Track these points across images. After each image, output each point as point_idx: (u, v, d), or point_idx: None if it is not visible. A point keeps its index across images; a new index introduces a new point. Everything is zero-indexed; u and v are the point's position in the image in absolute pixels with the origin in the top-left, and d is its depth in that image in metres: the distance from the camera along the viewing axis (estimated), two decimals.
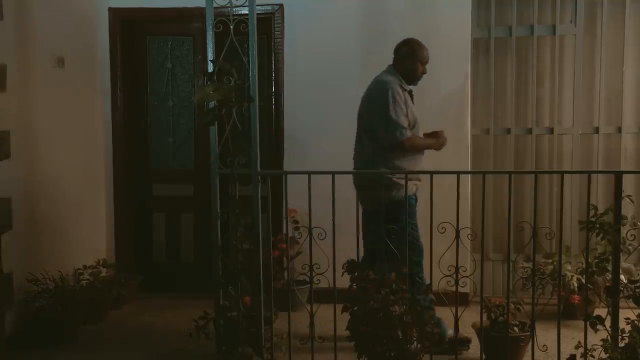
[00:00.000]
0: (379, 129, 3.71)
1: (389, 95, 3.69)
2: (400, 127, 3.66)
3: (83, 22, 4.85)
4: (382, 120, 3.69)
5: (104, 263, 4.74)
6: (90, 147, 4.92)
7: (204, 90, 3.25)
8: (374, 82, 3.88)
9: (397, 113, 3.66)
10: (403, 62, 3.85)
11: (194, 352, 3.76)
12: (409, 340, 3.13)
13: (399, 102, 3.69)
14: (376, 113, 3.74)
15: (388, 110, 3.66)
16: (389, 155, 3.71)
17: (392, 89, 3.71)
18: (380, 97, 3.72)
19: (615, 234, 3.22)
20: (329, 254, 3.25)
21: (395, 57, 3.91)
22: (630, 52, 4.76)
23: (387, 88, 3.72)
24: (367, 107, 3.86)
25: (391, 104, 3.66)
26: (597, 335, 3.16)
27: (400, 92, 3.73)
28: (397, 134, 3.66)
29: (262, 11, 4.58)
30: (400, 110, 3.68)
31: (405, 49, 3.86)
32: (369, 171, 3.75)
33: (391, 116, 3.65)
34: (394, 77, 3.80)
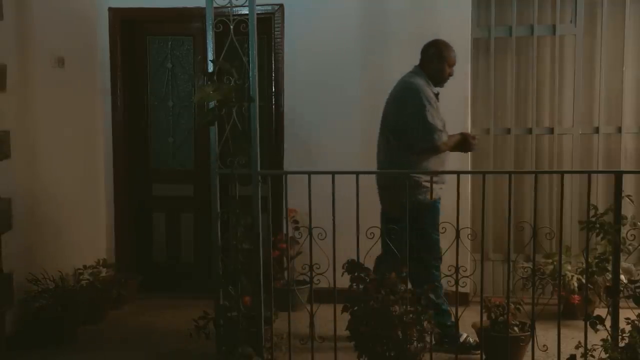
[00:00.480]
0: (413, 132, 3.68)
1: (422, 98, 3.67)
2: (437, 130, 3.65)
3: (83, 22, 4.85)
4: (417, 123, 3.66)
5: (104, 263, 4.74)
6: (90, 147, 4.92)
7: (204, 90, 3.25)
8: (402, 83, 3.85)
9: (433, 116, 3.66)
10: (430, 63, 3.83)
11: (194, 352, 3.76)
12: (409, 340, 3.14)
13: (433, 105, 3.68)
14: (408, 116, 3.70)
15: (424, 114, 3.64)
16: (418, 157, 3.69)
17: (423, 92, 3.70)
18: (413, 99, 3.69)
19: (615, 234, 3.22)
20: (329, 254, 3.25)
21: (422, 58, 3.88)
22: (630, 52, 4.76)
23: (419, 91, 3.70)
24: (395, 108, 3.82)
25: (427, 107, 3.65)
26: (597, 335, 3.16)
27: (431, 95, 3.73)
28: (435, 137, 3.65)
29: (262, 11, 4.58)
30: (435, 113, 3.67)
31: (433, 50, 3.84)
32: (368, 171, 3.75)
33: (428, 120, 3.64)
34: (423, 79, 3.78)
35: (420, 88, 3.72)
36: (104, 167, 5.05)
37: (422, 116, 3.65)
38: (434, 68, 3.82)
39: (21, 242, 3.97)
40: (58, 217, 4.40)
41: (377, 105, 4.72)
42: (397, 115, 3.81)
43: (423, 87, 3.73)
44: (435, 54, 3.83)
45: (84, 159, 4.83)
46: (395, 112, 3.83)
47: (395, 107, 3.83)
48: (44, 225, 4.23)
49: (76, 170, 4.70)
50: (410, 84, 3.78)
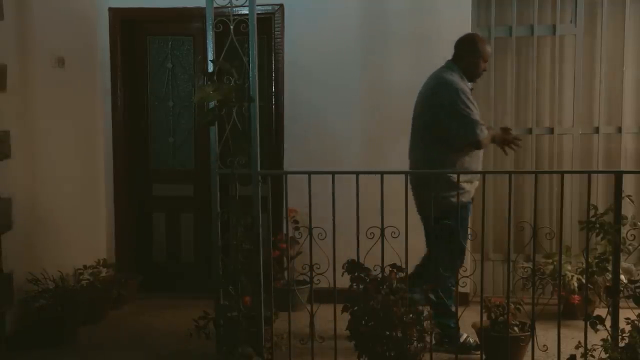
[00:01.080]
0: (452, 128, 3.63)
1: (459, 93, 3.61)
2: (479, 124, 3.60)
3: (83, 22, 4.85)
4: (455, 119, 3.60)
5: (104, 263, 4.74)
6: (90, 147, 4.92)
7: (204, 90, 3.25)
8: (435, 79, 3.77)
9: (472, 110, 3.60)
10: (464, 57, 3.76)
11: (194, 352, 3.76)
12: (409, 340, 3.14)
13: (471, 100, 3.63)
14: (445, 112, 3.64)
15: (463, 110, 3.59)
16: (456, 154, 3.65)
17: (460, 88, 3.64)
18: (449, 95, 3.63)
19: (615, 234, 3.22)
20: (329, 254, 3.25)
21: (455, 52, 3.82)
22: (630, 52, 4.76)
23: (455, 87, 3.64)
24: (430, 105, 3.74)
25: (465, 102, 3.59)
26: (597, 335, 3.16)
27: (467, 90, 3.67)
28: (477, 132, 3.59)
29: (263, 11, 4.58)
30: (473, 107, 3.62)
31: (468, 44, 3.78)
32: (368, 171, 3.75)
33: (468, 115, 3.58)
34: (457, 74, 3.72)
35: (456, 85, 3.65)
36: (104, 167, 5.05)
37: (460, 111, 3.59)
38: (468, 62, 3.75)
39: (21, 242, 3.97)
40: (58, 217, 4.40)
41: (377, 105, 4.75)
42: (433, 112, 3.72)
43: (458, 82, 3.67)
44: (470, 48, 3.76)
45: (84, 159, 4.83)
46: (430, 108, 3.74)
47: (429, 104, 3.74)
48: (44, 225, 4.23)
49: (76, 170, 4.70)
50: (444, 79, 3.71)
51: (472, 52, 3.75)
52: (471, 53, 3.75)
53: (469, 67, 3.75)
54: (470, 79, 3.79)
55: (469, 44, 3.78)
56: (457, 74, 3.72)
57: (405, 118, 4.68)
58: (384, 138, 4.73)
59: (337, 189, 3.31)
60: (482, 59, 3.77)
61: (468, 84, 3.76)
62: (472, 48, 3.76)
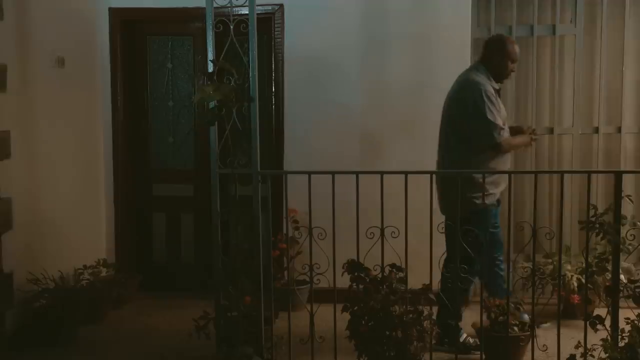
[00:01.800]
0: (474, 130, 3.65)
1: (483, 95, 3.61)
2: (497, 127, 3.60)
3: (83, 22, 4.85)
4: (478, 121, 3.62)
5: (104, 263, 4.74)
6: (90, 147, 4.92)
7: (204, 90, 3.25)
8: (463, 81, 3.79)
9: (494, 114, 3.61)
10: (492, 58, 3.77)
11: (194, 352, 3.76)
12: (409, 340, 3.14)
13: (494, 102, 3.63)
14: (469, 114, 3.65)
15: (484, 112, 3.59)
16: (480, 156, 3.65)
17: (485, 90, 3.64)
18: (474, 97, 3.64)
19: (615, 234, 3.22)
20: (329, 254, 3.25)
21: (483, 53, 3.84)
22: (630, 52, 4.76)
23: (480, 88, 3.63)
24: (455, 105, 3.76)
25: (487, 104, 3.59)
26: (597, 335, 3.16)
27: (492, 91, 3.67)
28: (495, 135, 3.60)
29: (262, 11, 4.58)
30: (495, 110, 3.62)
31: (496, 45, 3.78)
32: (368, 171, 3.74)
33: (488, 117, 3.59)
34: (484, 76, 3.72)
35: (481, 86, 3.65)
36: (104, 167, 5.05)
37: (481, 113, 3.59)
38: (496, 63, 3.75)
39: (21, 242, 3.97)
40: (58, 217, 4.40)
41: (377, 105, 4.75)
42: (457, 113, 3.73)
43: (483, 83, 3.67)
44: (498, 49, 3.76)
45: (84, 158, 4.83)
46: (454, 109, 3.76)
47: (455, 104, 3.76)
48: (44, 225, 4.23)
49: (76, 170, 4.70)
50: (470, 80, 3.72)
51: (500, 52, 3.76)
52: (499, 54, 3.76)
53: (497, 67, 3.76)
54: (497, 80, 3.78)
55: (496, 45, 3.79)
56: (484, 75, 3.73)
57: (405, 118, 4.72)
58: (384, 138, 4.73)
59: (337, 189, 3.31)
60: (510, 59, 3.76)
61: (495, 85, 3.75)
62: (500, 49, 3.76)
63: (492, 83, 3.73)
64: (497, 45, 3.78)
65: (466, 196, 3.48)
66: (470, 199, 3.55)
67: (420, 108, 4.69)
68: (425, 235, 3.26)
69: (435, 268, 3.22)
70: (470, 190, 3.53)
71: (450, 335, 3.57)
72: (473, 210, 3.56)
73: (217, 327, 3.43)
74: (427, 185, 3.29)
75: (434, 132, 4.65)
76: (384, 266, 3.26)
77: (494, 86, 3.73)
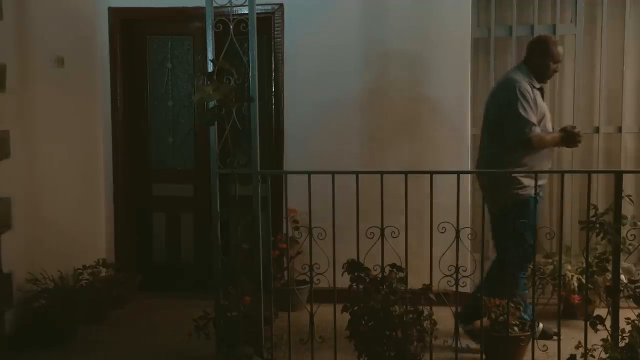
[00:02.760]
0: (507, 126, 3.72)
1: (517, 92, 3.68)
2: (529, 123, 3.65)
3: (83, 21, 4.85)
4: (510, 117, 3.69)
5: (104, 263, 4.74)
6: (90, 146, 4.92)
7: (203, 90, 3.25)
8: (501, 80, 3.91)
9: (526, 109, 3.66)
10: (533, 58, 3.83)
11: (194, 352, 3.76)
12: (409, 340, 3.13)
13: (528, 99, 3.68)
14: (503, 110, 3.74)
15: (517, 107, 3.65)
16: (514, 152, 3.70)
17: (519, 86, 3.70)
18: (508, 94, 3.72)
19: (615, 234, 3.21)
20: (328, 254, 3.25)
21: (526, 53, 3.90)
22: (631, 52, 4.76)
23: (515, 85, 3.71)
24: (492, 105, 3.87)
25: (520, 100, 3.66)
26: (598, 335, 3.16)
27: (528, 89, 3.72)
28: (526, 131, 3.65)
29: (262, 11, 4.57)
30: (528, 107, 3.67)
31: (537, 46, 3.85)
32: (368, 171, 3.75)
33: (520, 112, 3.65)
34: (523, 75, 3.78)
35: (517, 83, 3.72)
36: (103, 166, 5.05)
37: (514, 108, 3.66)
38: (537, 63, 3.82)
39: (21, 242, 3.97)
40: (58, 217, 4.40)
41: (377, 104, 4.75)
42: (492, 111, 3.85)
43: (520, 81, 3.73)
44: (540, 50, 3.82)
45: (83, 158, 4.82)
46: (491, 107, 3.88)
47: (491, 103, 3.88)
48: (43, 225, 4.23)
49: (76, 170, 4.69)
50: (508, 78, 3.82)
51: (542, 53, 3.82)
52: (541, 54, 3.82)
53: (539, 68, 3.82)
54: (540, 80, 3.84)
55: (538, 45, 3.85)
56: (524, 74, 3.79)
57: (405, 118, 4.71)
58: (384, 138, 4.73)
59: (337, 189, 3.31)
60: (552, 60, 3.82)
61: (537, 84, 3.80)
62: (542, 49, 3.82)
63: (533, 82, 3.79)
64: (539, 45, 3.85)
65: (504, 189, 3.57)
66: (507, 192, 3.64)
67: (421, 108, 4.69)
68: (425, 235, 3.26)
69: (435, 268, 3.21)
70: (506, 184, 3.63)
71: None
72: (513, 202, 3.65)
73: (217, 327, 3.42)
74: (427, 185, 3.29)
75: (435, 132, 4.68)
76: (384, 266, 3.25)
77: (534, 85, 3.78)
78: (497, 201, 3.75)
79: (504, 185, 3.66)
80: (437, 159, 4.59)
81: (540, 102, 3.78)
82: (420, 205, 3.28)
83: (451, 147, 4.65)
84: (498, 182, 3.71)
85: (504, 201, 3.65)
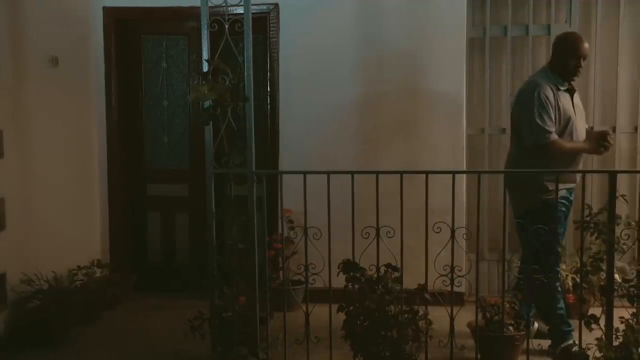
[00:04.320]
0: (524, 130, 3.69)
1: (535, 97, 3.61)
2: (543, 130, 3.58)
3: (77, 21, 4.83)
4: (527, 121, 3.64)
5: (99, 263, 4.72)
6: (84, 146, 4.91)
7: (199, 90, 3.24)
8: (528, 80, 3.88)
9: (542, 116, 3.59)
10: (556, 57, 3.75)
11: (189, 353, 3.75)
12: (404, 340, 3.14)
13: (545, 105, 3.60)
14: (522, 113, 3.71)
15: (533, 112, 3.59)
16: (534, 156, 3.64)
17: (539, 91, 3.62)
18: (528, 97, 3.66)
19: (609, 234, 3.22)
20: (324, 253, 3.25)
21: (551, 53, 3.84)
22: (625, 52, 4.77)
23: (535, 89, 3.63)
24: (515, 105, 3.89)
25: (536, 106, 3.59)
26: (592, 334, 3.17)
27: (549, 94, 3.63)
28: (540, 137, 3.60)
29: (258, 10, 4.57)
30: (545, 113, 3.59)
31: (556, 44, 3.78)
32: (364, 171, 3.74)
33: (536, 120, 3.58)
34: (548, 77, 3.70)
35: (537, 87, 3.64)
36: (98, 166, 5.03)
37: (530, 113, 3.61)
38: (559, 61, 3.71)
39: (14, 242, 3.95)
40: (52, 217, 4.38)
41: (372, 104, 4.75)
42: (516, 112, 3.85)
43: (542, 85, 3.65)
44: (559, 47, 3.73)
45: (78, 158, 4.81)
46: (514, 108, 3.89)
47: (515, 103, 3.89)
48: (37, 226, 4.22)
49: (70, 170, 4.68)
50: (532, 80, 3.79)
51: (561, 50, 3.71)
52: (560, 51, 3.72)
53: (560, 66, 3.70)
54: (565, 79, 3.72)
55: (558, 42, 3.77)
56: (548, 76, 3.71)
57: (400, 118, 4.72)
58: (379, 138, 4.73)
59: (332, 189, 3.30)
60: (571, 55, 3.68)
61: (562, 85, 3.69)
62: (561, 46, 3.73)
63: (559, 84, 3.68)
64: (558, 42, 3.76)
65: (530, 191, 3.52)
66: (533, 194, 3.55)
67: (416, 108, 4.69)
68: (420, 235, 3.26)
69: (431, 268, 3.21)
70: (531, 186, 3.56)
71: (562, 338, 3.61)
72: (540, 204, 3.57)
73: (212, 327, 3.42)
74: (423, 185, 3.29)
75: (430, 132, 4.69)
76: (379, 266, 3.25)
77: (560, 87, 3.67)
78: (522, 203, 3.61)
79: (528, 188, 3.55)
80: (432, 158, 4.59)
81: (565, 106, 3.67)
82: (416, 205, 3.28)
83: (447, 147, 4.65)
84: (522, 184, 3.57)
85: (528, 204, 3.51)
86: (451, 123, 4.67)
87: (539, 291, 3.36)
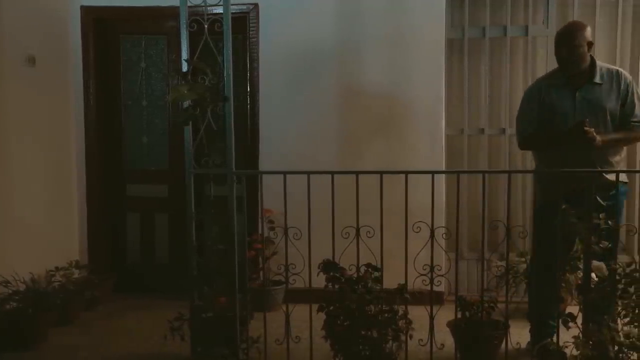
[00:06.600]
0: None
1: (526, 92, 3.75)
2: (518, 131, 3.71)
3: (55, 20, 4.78)
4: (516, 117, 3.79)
5: (77, 264, 4.68)
6: (62, 146, 4.86)
7: (178, 90, 3.23)
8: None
9: (520, 117, 3.69)
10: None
11: (168, 354, 3.73)
12: (384, 339, 3.15)
13: (526, 102, 3.66)
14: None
15: (520, 108, 3.72)
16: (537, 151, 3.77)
17: (527, 89, 3.80)
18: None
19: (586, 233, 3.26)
20: (304, 253, 3.25)
21: None
22: (601, 53, 4.83)
23: (529, 86, 3.81)
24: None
25: (524, 101, 3.70)
26: (570, 332, 3.21)
27: (533, 91, 3.64)
28: (517, 137, 3.74)
29: (237, 10, 4.55)
30: (523, 114, 3.67)
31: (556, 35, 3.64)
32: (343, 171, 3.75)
33: (519, 115, 3.71)
34: (550, 74, 3.72)
35: (532, 84, 3.80)
36: (76, 166, 4.98)
37: (519, 110, 3.73)
38: (555, 56, 3.60)
39: None
40: (29, 218, 4.33)
41: (352, 104, 4.76)
42: None
43: (534, 83, 3.78)
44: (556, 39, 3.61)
45: (55, 158, 4.76)
46: None
47: None
48: (14, 226, 4.17)
49: (48, 170, 4.63)
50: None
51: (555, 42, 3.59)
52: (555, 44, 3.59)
53: (557, 60, 3.59)
54: (565, 70, 3.56)
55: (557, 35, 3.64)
56: (552, 72, 3.72)
57: (380, 118, 4.73)
58: (359, 138, 4.75)
59: (312, 189, 3.31)
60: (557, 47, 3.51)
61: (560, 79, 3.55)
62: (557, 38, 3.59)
63: (556, 79, 3.58)
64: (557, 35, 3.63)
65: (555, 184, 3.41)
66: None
67: (395, 108, 4.71)
68: (400, 235, 3.28)
69: (410, 267, 3.23)
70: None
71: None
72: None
73: (192, 328, 3.40)
74: (402, 185, 3.30)
75: (409, 132, 4.71)
76: (359, 266, 3.26)
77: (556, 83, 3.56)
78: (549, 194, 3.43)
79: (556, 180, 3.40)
80: (412, 159, 4.61)
81: (556, 102, 3.54)
82: (396, 205, 3.29)
83: (426, 147, 4.68)
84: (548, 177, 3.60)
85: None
86: (430, 123, 4.70)
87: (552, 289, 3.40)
